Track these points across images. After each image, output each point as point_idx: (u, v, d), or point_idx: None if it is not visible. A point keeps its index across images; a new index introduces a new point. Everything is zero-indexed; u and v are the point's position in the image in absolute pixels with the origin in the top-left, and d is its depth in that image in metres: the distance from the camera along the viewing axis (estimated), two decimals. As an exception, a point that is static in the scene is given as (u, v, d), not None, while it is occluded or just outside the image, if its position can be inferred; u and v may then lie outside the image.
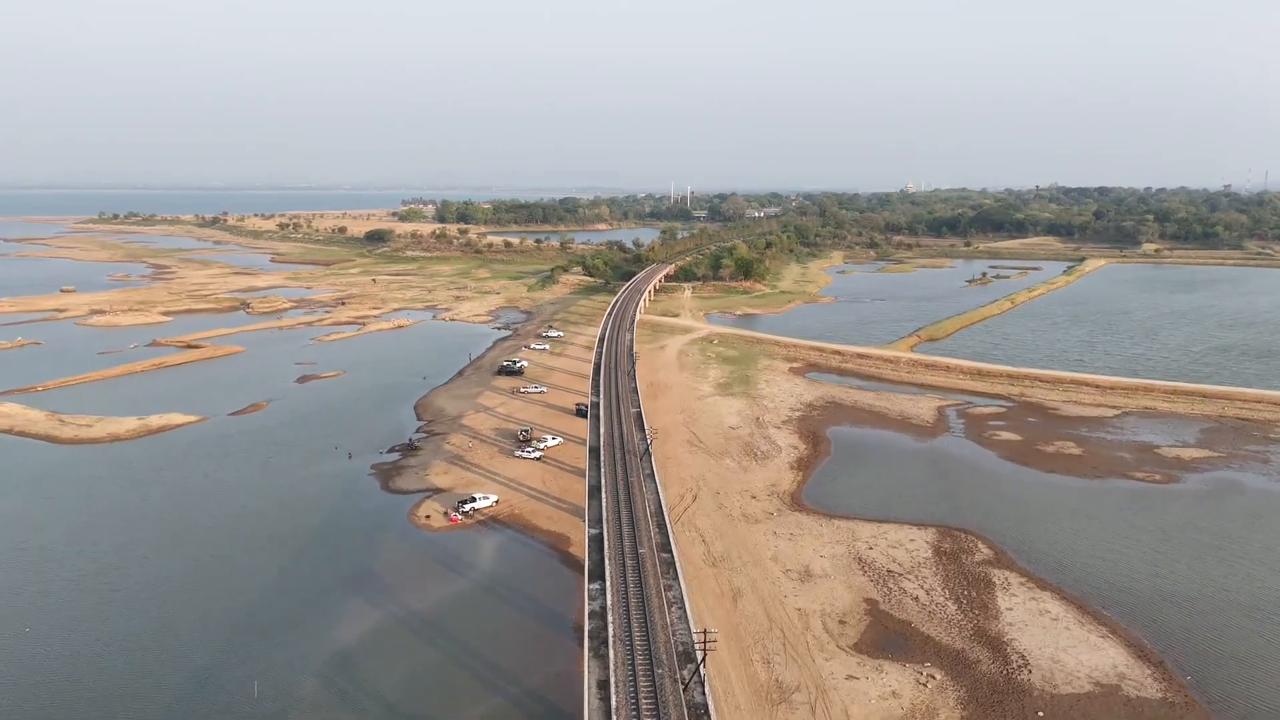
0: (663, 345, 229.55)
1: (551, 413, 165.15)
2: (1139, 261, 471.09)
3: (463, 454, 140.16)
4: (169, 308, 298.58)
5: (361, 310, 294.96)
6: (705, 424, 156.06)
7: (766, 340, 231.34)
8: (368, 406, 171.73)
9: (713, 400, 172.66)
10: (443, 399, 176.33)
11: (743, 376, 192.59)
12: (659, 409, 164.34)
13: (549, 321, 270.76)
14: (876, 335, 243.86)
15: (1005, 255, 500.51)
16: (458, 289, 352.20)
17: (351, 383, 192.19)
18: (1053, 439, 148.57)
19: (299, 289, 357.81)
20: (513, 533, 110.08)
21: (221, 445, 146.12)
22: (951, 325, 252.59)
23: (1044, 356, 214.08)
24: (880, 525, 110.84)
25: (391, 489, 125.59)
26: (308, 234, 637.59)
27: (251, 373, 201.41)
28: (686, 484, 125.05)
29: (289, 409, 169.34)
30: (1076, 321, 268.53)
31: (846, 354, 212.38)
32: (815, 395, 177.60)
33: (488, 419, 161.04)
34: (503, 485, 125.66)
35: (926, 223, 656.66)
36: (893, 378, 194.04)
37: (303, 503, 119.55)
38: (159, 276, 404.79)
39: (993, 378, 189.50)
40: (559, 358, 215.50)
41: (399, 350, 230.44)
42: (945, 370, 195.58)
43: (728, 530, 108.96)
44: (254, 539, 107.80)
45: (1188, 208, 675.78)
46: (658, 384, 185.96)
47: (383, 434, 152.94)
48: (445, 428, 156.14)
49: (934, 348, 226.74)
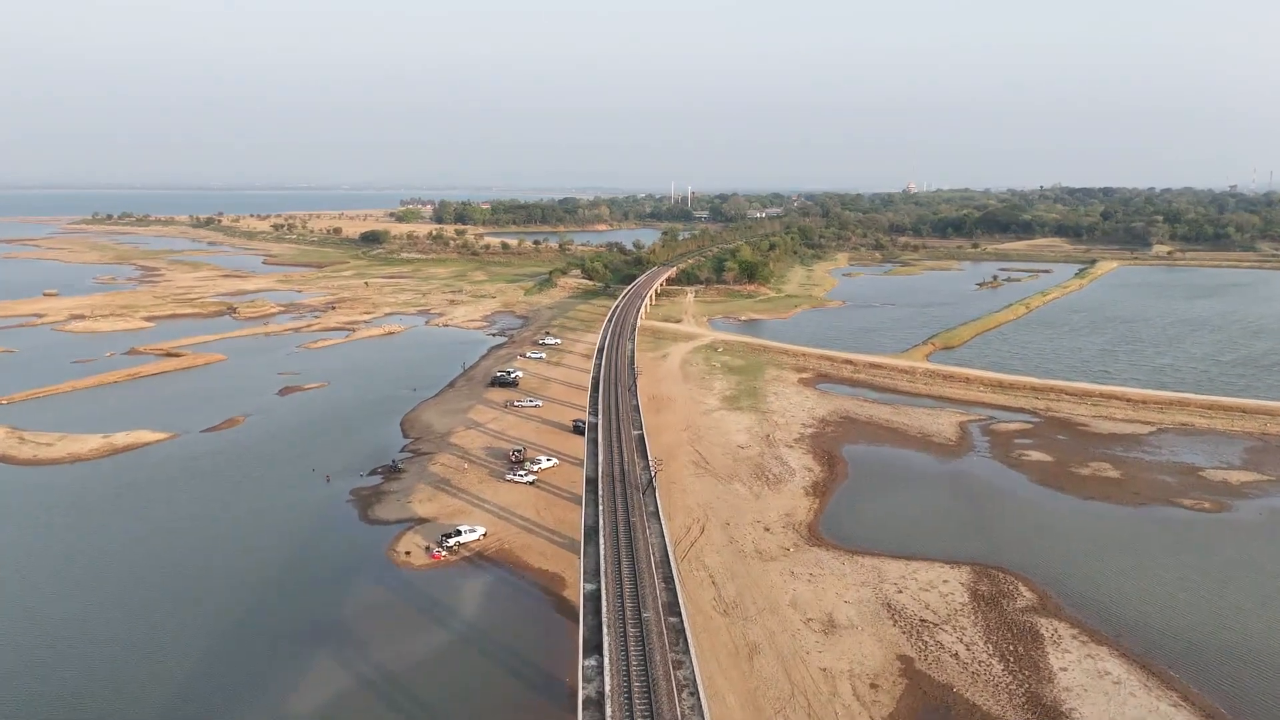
0: (665, 354, 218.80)
1: (547, 429, 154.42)
2: (1151, 264, 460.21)
3: (450, 477, 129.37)
4: (152, 312, 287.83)
5: (352, 315, 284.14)
6: (712, 442, 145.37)
7: (774, 348, 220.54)
8: (351, 422, 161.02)
9: (719, 415, 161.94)
10: (431, 413, 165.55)
11: (750, 388, 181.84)
12: (662, 425, 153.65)
13: (546, 328, 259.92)
14: (888, 343, 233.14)
15: (1014, 257, 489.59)
16: (452, 293, 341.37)
17: (335, 395, 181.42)
18: (1087, 460, 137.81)
19: (289, 292, 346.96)
20: (501, 572, 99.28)
21: (189, 467, 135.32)
22: (966, 332, 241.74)
23: (1065, 367, 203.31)
24: (908, 563, 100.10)
25: (370, 519, 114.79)
26: (302, 235, 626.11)
27: (231, 384, 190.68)
28: (693, 513, 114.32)
29: (266, 425, 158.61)
30: (1095, 328, 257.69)
31: (859, 364, 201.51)
32: (828, 409, 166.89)
33: (478, 436, 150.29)
34: (492, 514, 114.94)
35: (932, 224, 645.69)
36: (909, 389, 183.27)
37: (271, 536, 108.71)
38: (146, 279, 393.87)
39: (1016, 390, 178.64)
40: (556, 367, 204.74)
41: (388, 358, 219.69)
42: (965, 382, 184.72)
43: (740, 569, 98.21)
44: (212, 582, 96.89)
45: (1197, 209, 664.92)
46: (660, 397, 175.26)
47: (365, 453, 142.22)
48: (432, 446, 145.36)
49: (950, 357, 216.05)
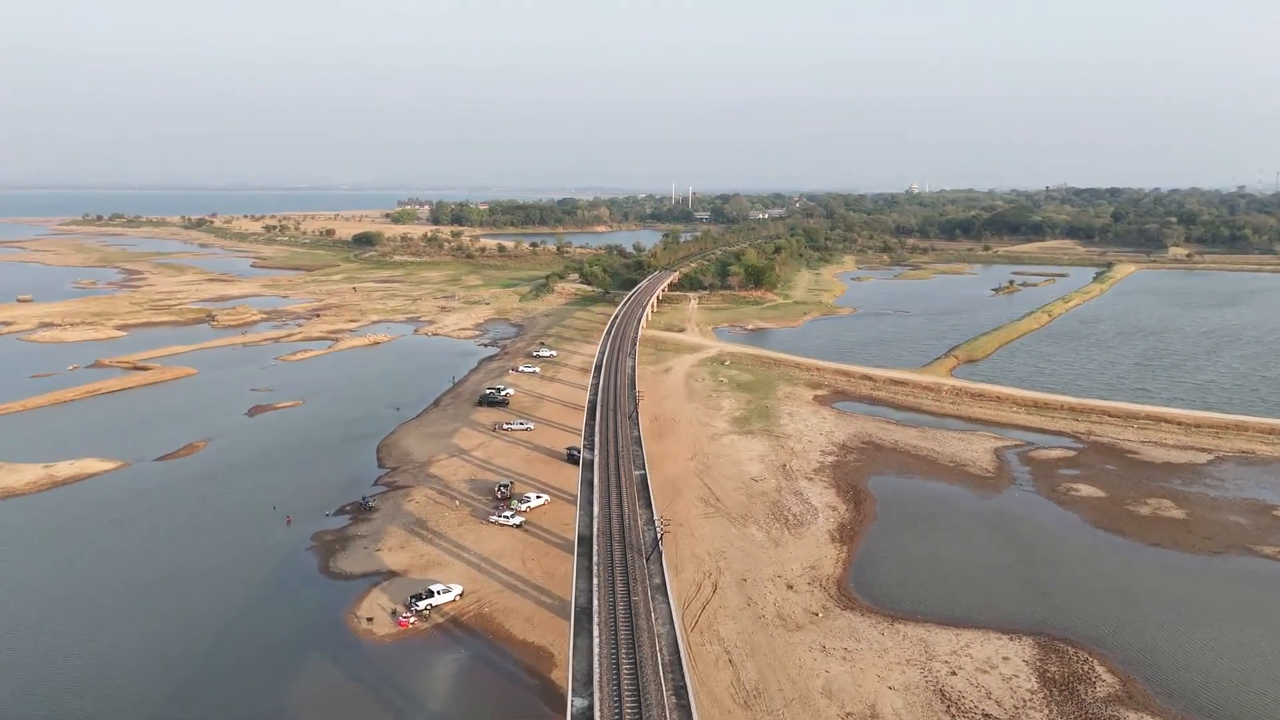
0: (667, 367, 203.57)
1: (538, 457, 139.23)
2: (1170, 267, 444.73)
3: (427, 518, 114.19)
4: (126, 320, 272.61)
5: (337, 323, 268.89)
6: (722, 474, 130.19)
7: (785, 361, 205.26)
8: (323, 447, 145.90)
9: (729, 440, 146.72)
10: (411, 438, 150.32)
11: (762, 408, 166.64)
12: (666, 453, 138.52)
13: (541, 338, 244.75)
14: (906, 355, 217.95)
15: (1027, 260, 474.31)
16: (445, 298, 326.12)
17: (310, 415, 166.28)
18: (1144, 495, 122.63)
19: (274, 298, 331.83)
20: (479, 644, 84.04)
21: (134, 504, 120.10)
22: (989, 344, 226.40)
23: (1100, 384, 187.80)
24: (959, 632, 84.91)
25: (331, 572, 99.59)
26: (294, 237, 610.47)
27: (197, 402, 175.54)
28: (704, 564, 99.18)
29: (229, 451, 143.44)
30: (1124, 339, 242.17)
31: (878, 379, 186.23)
32: (848, 433, 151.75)
33: (462, 466, 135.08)
34: (472, 566, 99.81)
35: (939, 225, 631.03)
36: (934, 409, 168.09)
37: (210, 597, 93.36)
38: (128, 283, 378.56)
39: (1052, 411, 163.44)
40: (550, 383, 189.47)
41: (371, 372, 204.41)
42: (996, 401, 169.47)
43: (761, 642, 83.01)
44: (132, 661, 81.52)
45: (1210, 210, 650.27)
46: (663, 418, 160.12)
47: (335, 486, 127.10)
48: (410, 478, 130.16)
49: (974, 371, 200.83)
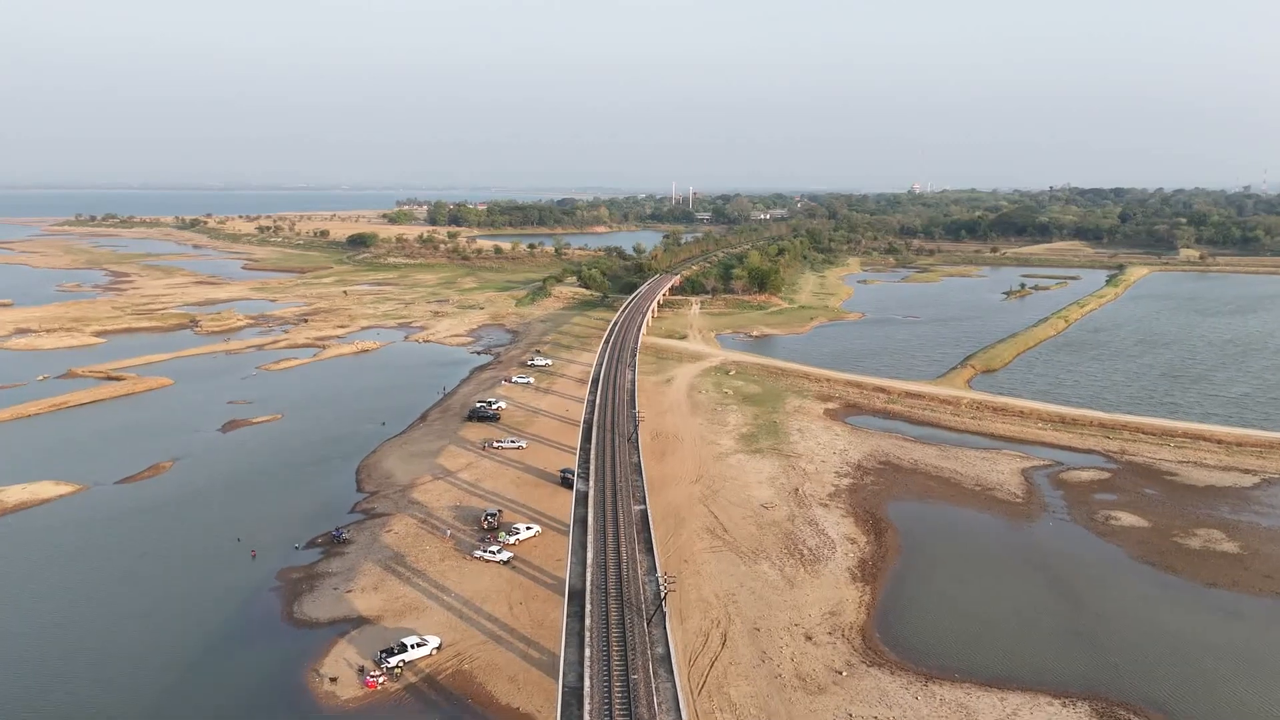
0: (669, 378, 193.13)
1: (530, 480, 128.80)
2: (1183, 269, 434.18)
3: (405, 551, 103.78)
4: (106, 326, 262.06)
5: (325, 329, 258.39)
6: (729, 499, 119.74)
7: (793, 372, 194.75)
8: (299, 468, 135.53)
9: (736, 460, 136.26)
10: (394, 458, 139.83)
11: (770, 424, 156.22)
12: (668, 475, 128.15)
13: (537, 345, 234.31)
14: (920, 365, 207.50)
15: (1035, 262, 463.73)
16: (438, 303, 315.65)
17: (288, 431, 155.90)
18: (1191, 524, 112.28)
19: (262, 301, 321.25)
20: (456, 710, 73.59)
21: (86, 535, 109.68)
22: (1007, 352, 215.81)
23: (1126, 397, 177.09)
24: (1004, 696, 74.56)
25: (295, 618, 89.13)
26: (288, 238, 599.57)
27: (170, 416, 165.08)
28: (711, 611, 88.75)
29: (197, 472, 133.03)
30: (1146, 347, 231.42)
31: (893, 392, 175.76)
32: (863, 451, 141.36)
33: (447, 490, 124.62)
34: (452, 612, 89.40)
35: (944, 226, 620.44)
36: (954, 425, 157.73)
37: (157, 652, 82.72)
38: (113, 286, 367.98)
39: (1080, 427, 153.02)
40: (545, 396, 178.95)
41: (357, 383, 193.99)
42: (1019, 416, 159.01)
43: (778, 708, 72.62)
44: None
45: (1219, 211, 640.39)
46: (665, 434, 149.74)
47: (308, 513, 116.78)
48: (390, 505, 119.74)
49: (992, 382, 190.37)
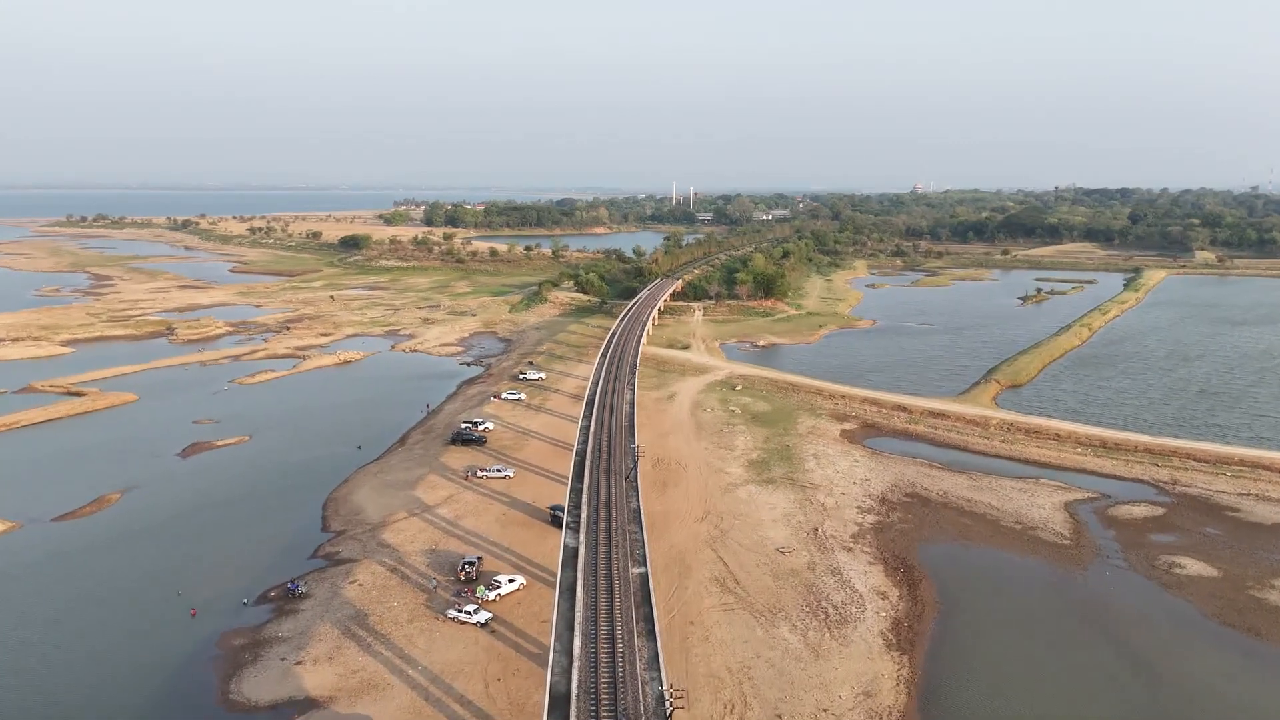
0: (671, 393, 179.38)
1: (516, 517, 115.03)
2: (1200, 273, 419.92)
3: (369, 610, 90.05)
4: (77, 334, 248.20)
5: (307, 338, 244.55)
6: (741, 542, 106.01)
7: (805, 387, 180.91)
8: (260, 501, 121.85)
9: (747, 493, 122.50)
10: (367, 489, 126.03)
11: (782, 448, 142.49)
12: (671, 512, 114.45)
13: (531, 355, 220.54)
14: (940, 379, 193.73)
15: (1047, 265, 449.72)
16: (429, 308, 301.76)
17: (254, 455, 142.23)
18: (1267, 574, 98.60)
19: (246, 307, 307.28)
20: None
21: (4, 586, 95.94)
22: (1031, 366, 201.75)
23: (1167, 418, 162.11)
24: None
25: (232, 700, 75.30)
26: (280, 240, 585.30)
27: (127, 438, 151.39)
28: (724, 690, 75.00)
29: (145, 507, 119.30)
30: (1179, 360, 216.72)
31: (914, 410, 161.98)
32: (887, 481, 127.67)
33: (423, 530, 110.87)
34: (418, 691, 75.65)
35: (950, 227, 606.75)
36: (984, 448, 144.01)
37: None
38: (93, 290, 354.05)
39: (1124, 452, 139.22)
40: (537, 415, 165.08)
41: (337, 397, 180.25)
42: (1055, 439, 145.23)
43: (810, 833, 58.88)
44: None
45: (1232, 212, 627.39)
46: (667, 461, 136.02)
47: (263, 558, 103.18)
48: (357, 547, 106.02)
49: (1020, 399, 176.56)
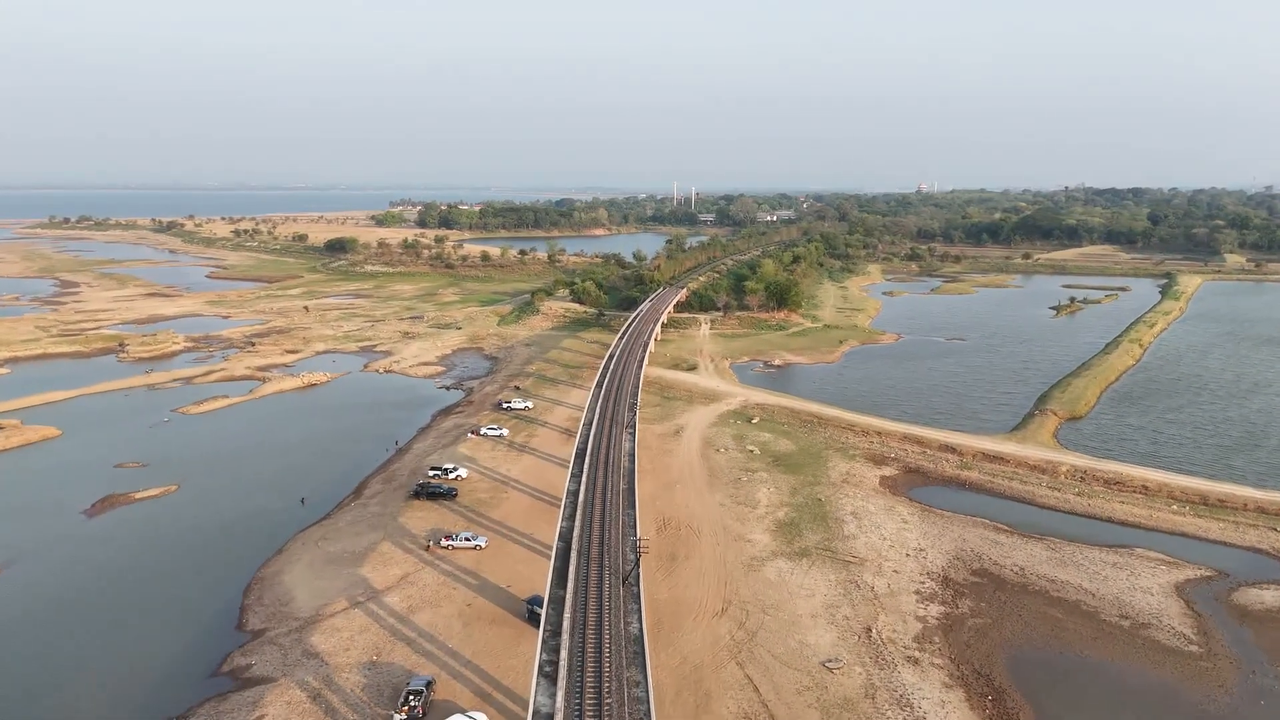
0: (678, 427, 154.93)
1: (486, 610, 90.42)
2: (1236, 279, 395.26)
3: (272, 771, 65.64)
4: (18, 352, 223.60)
5: (272, 356, 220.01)
6: (774, 651, 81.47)
7: (831, 420, 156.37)
8: (167, 581, 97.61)
9: (776, 572, 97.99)
10: (303, 564, 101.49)
11: (814, 503, 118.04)
12: (683, 600, 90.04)
13: (518, 378, 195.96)
14: (984, 408, 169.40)
15: (1071, 270, 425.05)
16: (411, 319, 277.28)
17: (177, 512, 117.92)
18: None
19: (213, 319, 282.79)
20: None
21: None
22: (1089, 391, 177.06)
23: (1266, 465, 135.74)
24: None
25: None
26: (264, 242, 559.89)
27: (33, 488, 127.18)
28: None
29: (12, 593, 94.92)
30: (1253, 386, 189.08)
31: (965, 452, 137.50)
32: (946, 550, 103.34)
33: (364, 630, 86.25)
34: None
35: (964, 229, 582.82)
36: (1054, 503, 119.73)
37: None
38: (54, 299, 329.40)
39: (1231, 511, 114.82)
40: (521, 456, 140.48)
41: (291, 431, 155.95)
42: (1142, 493, 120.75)
43: None
44: None
45: (1259, 214, 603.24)
46: (676, 522, 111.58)
47: (153, 675, 78.96)
48: (276, 660, 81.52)
49: (1081, 436, 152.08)
